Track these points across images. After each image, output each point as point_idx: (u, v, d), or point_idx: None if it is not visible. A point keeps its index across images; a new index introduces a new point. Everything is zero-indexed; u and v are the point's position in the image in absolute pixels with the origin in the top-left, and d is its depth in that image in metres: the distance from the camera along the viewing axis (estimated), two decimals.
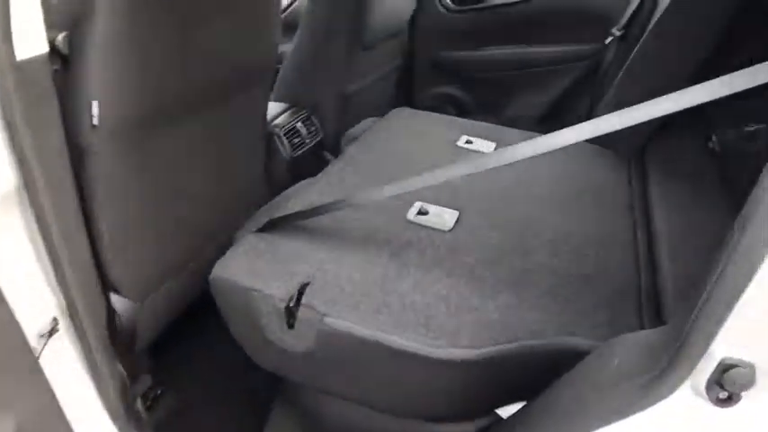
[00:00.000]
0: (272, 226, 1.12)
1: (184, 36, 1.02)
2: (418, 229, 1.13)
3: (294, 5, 2.27)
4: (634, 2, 1.75)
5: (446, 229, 1.14)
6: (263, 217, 1.17)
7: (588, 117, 2.03)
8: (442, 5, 2.20)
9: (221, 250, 1.12)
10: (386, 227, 1.12)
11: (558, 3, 2.07)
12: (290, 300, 0.93)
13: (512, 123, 2.08)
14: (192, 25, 1.03)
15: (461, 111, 2.27)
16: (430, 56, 2.28)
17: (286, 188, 1.48)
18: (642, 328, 0.92)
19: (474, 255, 1.06)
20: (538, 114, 2.17)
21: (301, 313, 0.92)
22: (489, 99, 2.25)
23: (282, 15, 2.19)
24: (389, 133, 1.57)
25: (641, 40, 1.44)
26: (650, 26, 1.49)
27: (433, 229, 1.14)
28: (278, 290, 0.95)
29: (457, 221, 1.16)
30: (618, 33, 1.77)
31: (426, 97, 2.32)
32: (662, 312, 0.96)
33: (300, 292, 0.94)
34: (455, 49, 2.24)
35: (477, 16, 2.19)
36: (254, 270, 1.00)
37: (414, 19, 2.19)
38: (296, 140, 1.69)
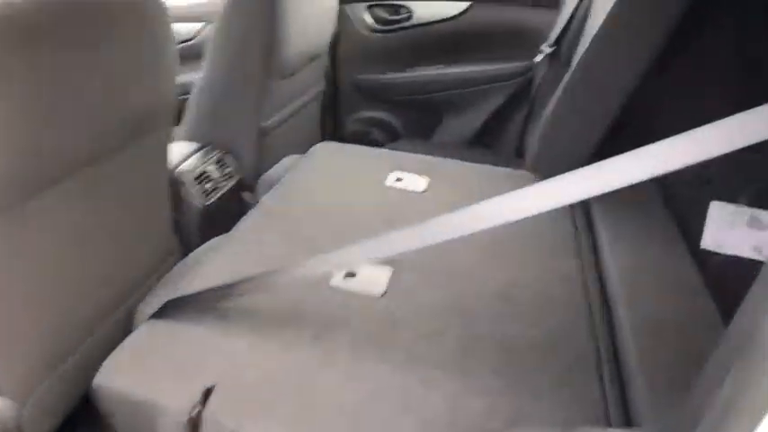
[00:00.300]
0: (171, 308, 0.94)
1: (53, 87, 0.83)
2: (346, 297, 0.98)
3: (200, 35, 2.08)
4: (563, 17, 1.67)
5: (378, 293, 0.99)
6: (161, 295, 0.99)
7: (521, 138, 1.95)
8: (365, 26, 2.07)
9: (123, 327, 0.93)
10: (307, 298, 0.97)
11: (484, 20, 1.98)
12: (193, 410, 0.76)
13: (443, 147, 1.98)
14: (62, 74, 0.84)
15: (390, 135, 2.15)
16: (354, 79, 2.14)
17: (200, 241, 1.31)
18: (606, 406, 0.80)
19: (411, 326, 0.92)
20: (469, 136, 2.07)
21: (206, 428, 0.75)
22: (418, 122, 2.13)
23: (189, 44, 2.02)
24: (310, 176, 1.42)
25: (579, 59, 1.35)
26: (585, 43, 1.40)
27: (364, 295, 0.99)
28: (176, 399, 0.78)
29: (389, 282, 1.02)
30: (549, 50, 1.68)
31: (353, 122, 2.19)
32: (624, 384, 0.85)
33: (205, 398, 0.77)
34: (380, 71, 2.11)
35: (401, 36, 2.07)
36: (147, 374, 0.82)
37: (335, 41, 2.06)
38: (208, 186, 1.51)
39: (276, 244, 1.11)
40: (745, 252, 1.29)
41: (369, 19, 2.08)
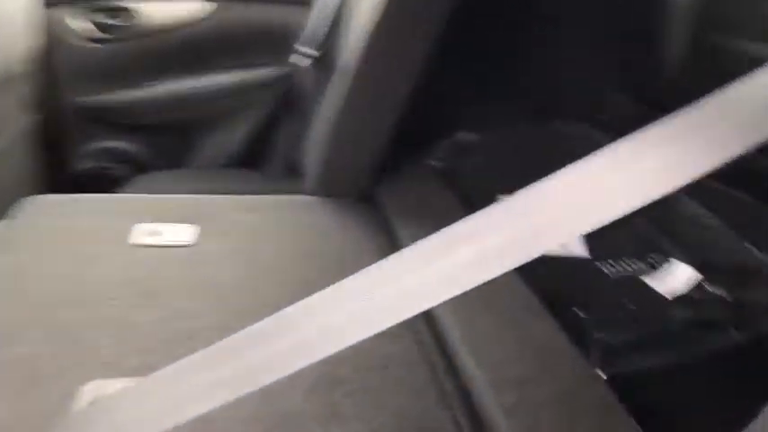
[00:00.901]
0: None
1: None
2: None
3: None
4: (321, 15, 1.47)
5: None
6: None
7: (292, 154, 1.72)
8: (76, 36, 1.63)
9: None
10: None
11: (228, 22, 1.69)
12: None
13: (203, 175, 1.70)
14: None
15: (135, 168, 1.74)
16: (75, 104, 1.69)
17: None
18: None
19: None
20: (231, 158, 1.78)
21: None
22: (168, 148, 1.77)
23: None
24: (11, 249, 1.01)
25: (354, 65, 1.16)
26: (352, 45, 1.22)
27: None
28: None
29: None
30: (314, 54, 1.47)
31: (82, 159, 1.73)
32: None
33: None
34: (110, 89, 1.69)
35: (131, 46, 1.67)
36: None
37: (45, 57, 1.59)
38: None
39: None
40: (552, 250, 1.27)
41: (79, 25, 1.63)
